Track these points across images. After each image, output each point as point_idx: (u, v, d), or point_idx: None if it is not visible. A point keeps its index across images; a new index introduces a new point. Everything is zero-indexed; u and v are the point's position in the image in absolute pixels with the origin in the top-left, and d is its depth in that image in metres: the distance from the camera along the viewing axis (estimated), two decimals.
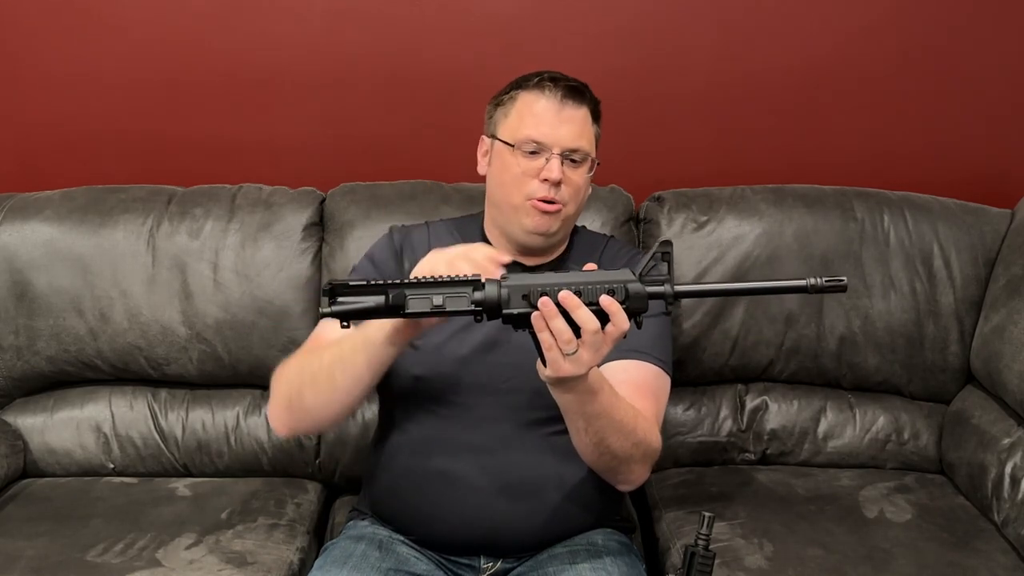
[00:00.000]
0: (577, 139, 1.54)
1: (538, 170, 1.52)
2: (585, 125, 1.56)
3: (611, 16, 2.15)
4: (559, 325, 1.21)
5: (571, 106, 1.55)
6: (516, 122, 1.56)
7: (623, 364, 1.54)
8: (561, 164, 1.52)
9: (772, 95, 2.19)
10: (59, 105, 2.18)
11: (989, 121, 2.20)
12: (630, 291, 1.23)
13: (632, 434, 1.41)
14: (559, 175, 1.51)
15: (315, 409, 1.47)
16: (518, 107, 1.57)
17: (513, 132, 1.55)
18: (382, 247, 1.66)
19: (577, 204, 1.58)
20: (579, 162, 1.55)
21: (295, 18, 2.14)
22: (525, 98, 1.56)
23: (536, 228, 1.55)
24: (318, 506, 1.89)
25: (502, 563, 1.54)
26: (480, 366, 1.53)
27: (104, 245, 1.93)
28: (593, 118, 1.59)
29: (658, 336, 1.60)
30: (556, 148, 1.52)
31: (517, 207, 1.55)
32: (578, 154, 1.54)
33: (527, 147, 1.53)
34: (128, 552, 1.65)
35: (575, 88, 1.56)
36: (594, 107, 1.59)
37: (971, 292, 1.96)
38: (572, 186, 1.54)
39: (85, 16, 2.14)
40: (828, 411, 2.00)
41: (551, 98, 1.54)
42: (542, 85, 1.56)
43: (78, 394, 2.00)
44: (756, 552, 1.63)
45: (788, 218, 1.96)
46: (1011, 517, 1.70)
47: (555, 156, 1.52)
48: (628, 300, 1.23)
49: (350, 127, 2.18)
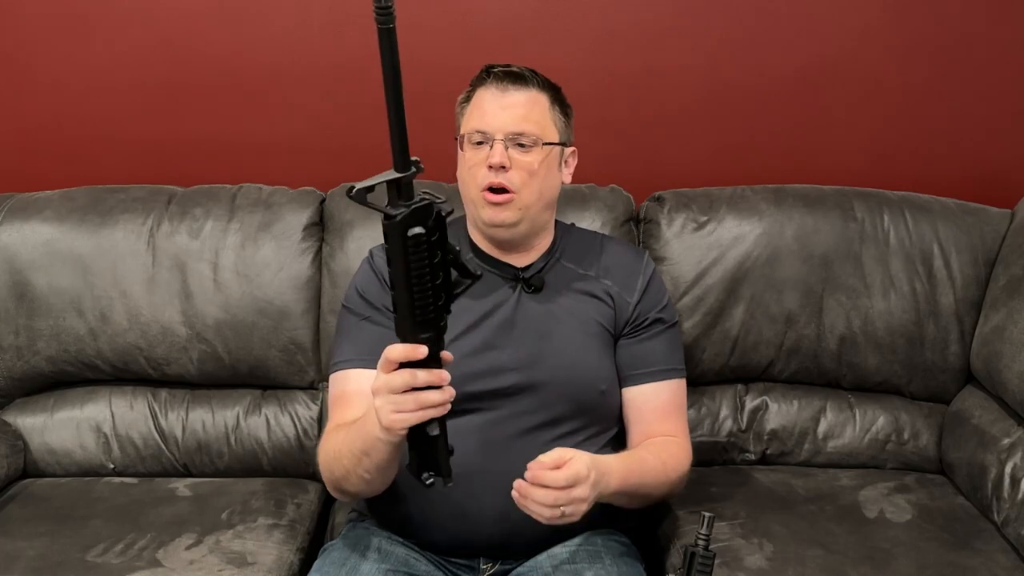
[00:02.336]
0: (520, 122, 1.54)
1: (485, 159, 1.54)
2: (532, 108, 1.55)
3: (611, 16, 2.14)
4: (537, 499, 1.31)
5: (513, 91, 1.55)
6: (467, 118, 1.59)
7: (652, 389, 1.62)
8: (505, 149, 1.52)
9: (772, 95, 2.19)
10: (59, 105, 2.18)
11: (989, 121, 2.20)
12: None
13: (667, 479, 1.55)
14: (501, 159, 1.51)
15: (362, 493, 1.51)
16: (471, 104, 1.59)
17: (464, 127, 1.58)
18: (366, 277, 1.63)
19: (535, 191, 1.56)
20: (527, 146, 1.54)
21: (295, 18, 2.14)
22: (476, 95, 1.59)
23: (490, 220, 1.55)
24: (318, 506, 1.88)
25: (501, 564, 1.54)
26: (478, 372, 1.52)
27: (104, 245, 1.93)
28: (552, 102, 1.58)
29: (674, 345, 1.66)
30: (499, 134, 1.53)
31: (474, 201, 1.57)
32: (524, 137, 1.54)
33: (474, 138, 1.55)
34: (128, 552, 1.65)
35: (514, 73, 1.56)
36: (551, 92, 1.59)
37: (971, 292, 1.96)
38: (524, 170, 1.53)
39: (85, 16, 2.14)
40: (828, 411, 2.00)
41: (491, 87, 1.56)
42: (483, 78, 1.58)
43: (78, 394, 2.00)
44: (756, 552, 1.63)
45: (788, 218, 1.96)
46: (1011, 517, 1.70)
47: (498, 141, 1.53)
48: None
49: (350, 127, 2.18)
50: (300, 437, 1.96)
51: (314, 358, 1.96)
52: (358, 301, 1.61)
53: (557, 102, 1.59)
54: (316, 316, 1.96)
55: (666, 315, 1.65)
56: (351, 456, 1.40)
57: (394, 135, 1.12)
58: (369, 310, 1.59)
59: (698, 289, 1.95)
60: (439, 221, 1.14)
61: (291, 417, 1.97)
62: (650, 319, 1.63)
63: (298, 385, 1.99)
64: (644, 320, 1.63)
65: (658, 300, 1.65)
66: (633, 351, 1.63)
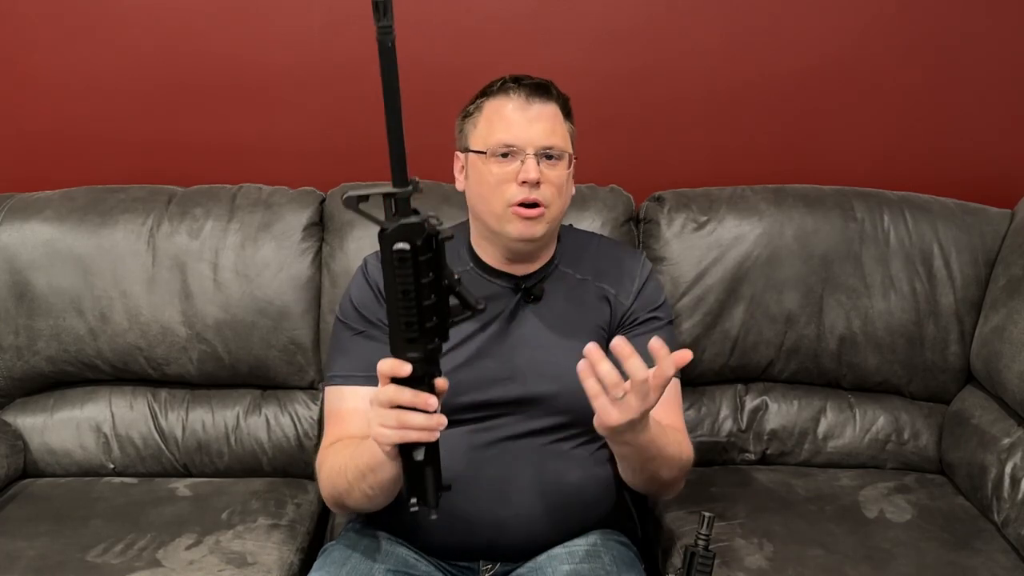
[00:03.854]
0: (550, 136, 1.51)
1: (515, 173, 1.49)
2: (556, 121, 1.53)
3: (612, 17, 2.14)
4: (605, 368, 1.20)
5: (539, 103, 1.52)
6: (486, 130, 1.53)
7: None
8: (537, 163, 1.49)
9: (772, 95, 2.18)
10: (59, 105, 2.18)
11: (989, 121, 2.20)
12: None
13: (679, 461, 1.48)
14: (537, 175, 1.48)
15: (361, 509, 1.49)
16: (486, 115, 1.54)
17: (484, 140, 1.52)
18: (361, 289, 1.60)
19: (560, 204, 1.54)
20: (555, 159, 1.51)
21: (295, 18, 2.14)
22: (491, 105, 1.54)
23: (521, 235, 1.51)
24: (318, 507, 1.88)
25: (501, 566, 1.54)
26: (474, 378, 1.51)
27: (104, 245, 1.93)
28: (564, 115, 1.56)
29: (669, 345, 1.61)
30: (530, 148, 1.49)
31: (500, 216, 1.51)
32: (554, 151, 1.51)
33: (501, 151, 1.50)
34: (128, 552, 1.65)
35: (540, 85, 1.53)
36: (563, 103, 1.56)
37: (971, 292, 1.96)
38: (552, 184, 1.51)
39: (85, 16, 2.14)
40: (828, 411, 2.00)
41: (516, 99, 1.52)
42: (506, 88, 1.53)
43: (78, 394, 2.00)
44: (756, 552, 1.63)
45: (788, 218, 1.96)
46: (1011, 517, 1.70)
47: (530, 156, 1.49)
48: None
49: (350, 127, 2.18)
50: (300, 437, 1.96)
51: (314, 358, 1.96)
52: (353, 314, 1.59)
53: (568, 113, 1.57)
54: (316, 316, 1.96)
55: (661, 314, 1.63)
56: (356, 471, 1.38)
57: (393, 150, 1.11)
58: (364, 324, 1.57)
59: (698, 289, 1.95)
60: (430, 241, 1.13)
61: (291, 417, 1.97)
62: (644, 317, 1.61)
63: (298, 385, 1.99)
64: (637, 318, 1.61)
65: (653, 300, 1.63)
66: None
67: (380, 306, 1.56)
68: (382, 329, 1.56)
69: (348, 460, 1.41)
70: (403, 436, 1.20)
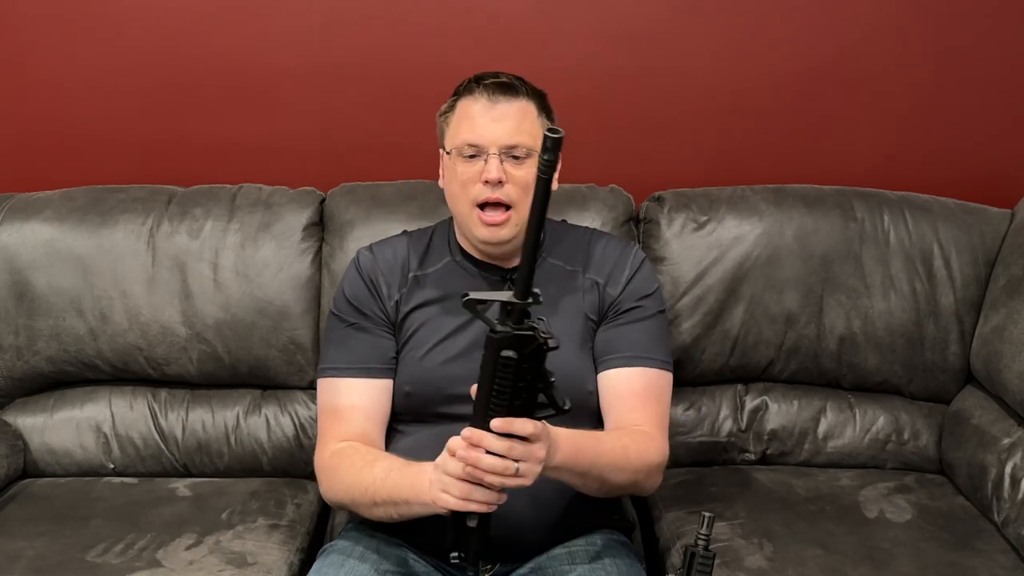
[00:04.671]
0: (514, 135, 1.51)
1: (479, 173, 1.51)
2: (524, 119, 1.53)
3: (612, 17, 2.14)
4: (487, 462, 1.22)
5: (504, 102, 1.52)
6: (455, 130, 1.55)
7: (624, 373, 1.55)
8: (500, 162, 1.50)
9: (772, 95, 2.18)
10: (59, 105, 2.18)
11: (989, 121, 2.20)
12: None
13: (627, 465, 1.45)
14: (499, 174, 1.49)
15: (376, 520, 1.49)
16: (457, 115, 1.56)
17: (453, 140, 1.55)
18: (354, 283, 1.62)
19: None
20: (522, 158, 1.51)
21: (295, 18, 2.14)
22: (462, 104, 1.55)
23: (487, 239, 1.53)
24: (318, 507, 1.88)
25: (501, 566, 1.54)
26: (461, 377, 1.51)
27: (104, 245, 1.93)
28: (540, 110, 1.55)
29: (655, 336, 1.60)
30: (493, 147, 1.50)
31: (467, 216, 1.54)
32: (518, 149, 1.51)
33: (466, 152, 1.52)
34: (128, 552, 1.65)
35: (504, 84, 1.53)
36: (539, 100, 1.56)
37: (971, 292, 1.96)
38: (519, 184, 1.50)
39: (85, 16, 2.13)
40: (828, 411, 2.00)
41: (480, 98, 1.53)
42: (471, 88, 1.55)
43: (78, 394, 2.00)
44: (756, 552, 1.63)
45: (788, 218, 1.96)
46: (1011, 517, 1.70)
47: (493, 155, 1.50)
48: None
49: (350, 127, 2.18)
50: (300, 437, 1.96)
51: (314, 358, 1.96)
52: (346, 307, 1.60)
53: (543, 109, 1.57)
54: (316, 316, 1.96)
55: (648, 303, 1.61)
56: (389, 497, 1.40)
57: (524, 266, 1.16)
58: (357, 316, 1.58)
59: (698, 289, 1.95)
60: (537, 352, 1.18)
61: (291, 417, 1.97)
62: (629, 306, 1.60)
63: (298, 385, 1.99)
64: (622, 307, 1.60)
65: (641, 290, 1.62)
66: (609, 335, 1.60)
67: (373, 298, 1.58)
68: (375, 321, 1.58)
69: (380, 483, 1.41)
70: (464, 507, 1.25)
